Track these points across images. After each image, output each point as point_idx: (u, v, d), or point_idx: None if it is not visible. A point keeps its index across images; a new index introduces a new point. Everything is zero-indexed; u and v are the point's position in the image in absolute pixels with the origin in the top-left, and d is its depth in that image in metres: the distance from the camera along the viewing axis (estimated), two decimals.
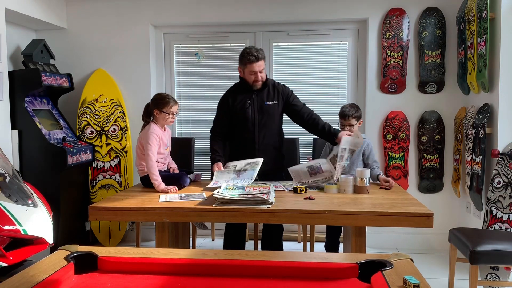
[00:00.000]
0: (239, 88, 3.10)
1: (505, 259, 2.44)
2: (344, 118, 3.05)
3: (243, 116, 3.04)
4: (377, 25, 3.83)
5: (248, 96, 3.04)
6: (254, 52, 2.92)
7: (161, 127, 3.02)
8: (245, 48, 3.01)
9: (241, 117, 3.05)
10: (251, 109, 3.03)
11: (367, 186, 2.71)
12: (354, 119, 3.04)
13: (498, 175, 2.94)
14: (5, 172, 2.78)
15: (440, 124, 3.80)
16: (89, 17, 4.11)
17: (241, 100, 3.05)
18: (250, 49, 2.96)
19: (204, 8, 3.97)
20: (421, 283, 1.31)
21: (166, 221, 2.42)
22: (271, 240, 3.17)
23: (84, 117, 4.00)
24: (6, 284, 1.33)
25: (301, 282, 1.49)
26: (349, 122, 3.03)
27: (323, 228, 4.08)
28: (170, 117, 2.98)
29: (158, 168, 2.94)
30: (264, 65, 3.00)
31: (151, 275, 1.53)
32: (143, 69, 4.09)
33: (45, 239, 2.71)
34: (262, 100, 3.04)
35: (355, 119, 3.04)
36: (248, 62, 2.94)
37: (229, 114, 3.09)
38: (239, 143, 3.13)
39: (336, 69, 4.06)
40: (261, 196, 2.36)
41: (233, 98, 3.08)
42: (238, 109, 3.05)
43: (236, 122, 3.09)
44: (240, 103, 3.05)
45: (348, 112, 3.03)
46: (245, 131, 3.05)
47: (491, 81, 3.14)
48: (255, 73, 2.95)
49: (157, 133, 2.93)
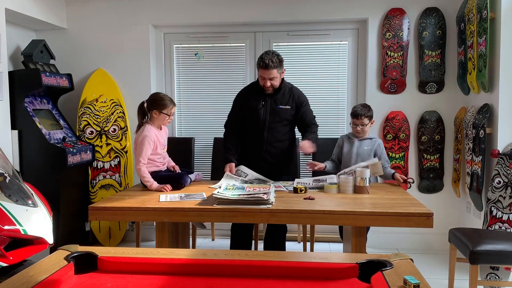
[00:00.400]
0: (256, 87, 3.12)
1: (505, 259, 2.44)
2: (356, 117, 3.05)
3: (255, 116, 3.07)
4: (377, 25, 3.83)
5: (262, 97, 3.07)
6: (266, 60, 2.90)
7: (157, 127, 3.00)
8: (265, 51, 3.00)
9: (253, 117, 3.08)
10: (263, 110, 3.06)
11: (367, 186, 2.71)
12: (367, 118, 3.05)
13: (498, 175, 2.94)
14: (5, 172, 2.78)
15: (440, 124, 3.80)
16: (89, 17, 4.11)
17: (255, 100, 3.08)
18: (266, 54, 2.94)
19: (204, 8, 3.97)
20: (421, 283, 1.31)
21: (166, 221, 2.42)
22: (274, 241, 3.17)
23: (84, 117, 4.00)
24: (6, 284, 1.33)
25: (301, 282, 1.49)
26: (362, 121, 3.04)
27: (323, 228, 4.09)
28: (169, 118, 2.98)
29: (158, 169, 2.94)
30: (278, 74, 2.96)
31: (151, 275, 1.53)
32: (143, 69, 4.09)
33: (45, 239, 2.71)
34: (275, 103, 3.06)
35: (368, 118, 3.05)
36: (259, 66, 2.97)
37: (243, 110, 3.13)
38: (248, 142, 3.17)
39: (336, 69, 4.06)
40: (261, 196, 2.36)
41: (249, 96, 3.11)
42: (251, 108, 3.08)
43: (248, 120, 3.12)
44: (254, 102, 3.08)
45: (360, 112, 3.03)
46: (255, 131, 3.09)
47: (491, 81, 3.14)
48: (264, 79, 2.96)
49: (151, 137, 2.90)
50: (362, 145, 3.10)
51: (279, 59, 2.95)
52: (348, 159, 3.10)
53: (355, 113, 3.06)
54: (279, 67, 2.94)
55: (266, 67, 2.90)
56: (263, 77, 2.96)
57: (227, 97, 4.16)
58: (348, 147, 3.13)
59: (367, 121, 3.06)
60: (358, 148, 3.09)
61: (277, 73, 2.95)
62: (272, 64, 2.89)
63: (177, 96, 4.24)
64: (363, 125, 3.05)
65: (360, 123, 3.04)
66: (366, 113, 3.04)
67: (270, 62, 2.89)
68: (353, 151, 3.09)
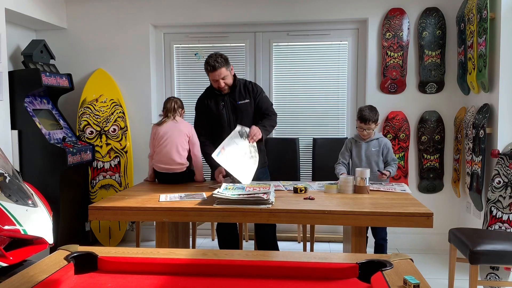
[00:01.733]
0: (211, 91, 3.18)
1: (505, 259, 2.44)
2: (364, 122, 3.02)
3: (219, 117, 3.12)
4: (377, 25, 3.83)
5: (220, 98, 3.13)
6: (212, 62, 2.97)
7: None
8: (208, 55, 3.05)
9: (217, 118, 3.13)
10: (225, 110, 3.11)
11: (367, 186, 2.71)
12: (374, 123, 3.03)
13: (498, 175, 2.94)
14: (5, 172, 2.78)
15: (440, 124, 3.80)
16: (89, 17, 4.11)
17: (215, 102, 3.14)
18: (210, 58, 3.01)
19: (204, 8, 3.97)
20: (421, 283, 1.31)
21: (166, 221, 2.42)
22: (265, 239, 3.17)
23: (84, 117, 4.00)
24: (6, 284, 1.33)
25: (301, 282, 1.49)
26: (369, 126, 3.02)
27: (323, 228, 4.09)
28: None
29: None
30: (228, 71, 3.02)
31: (151, 275, 1.53)
32: (143, 69, 4.09)
33: (45, 239, 2.71)
34: (234, 100, 3.11)
35: (375, 123, 3.04)
36: (206, 71, 3.04)
37: (207, 115, 3.17)
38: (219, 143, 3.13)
39: (336, 69, 4.06)
40: (261, 196, 2.36)
41: (208, 100, 3.17)
42: (213, 110, 3.13)
43: (213, 123, 3.17)
44: (214, 105, 3.13)
45: (368, 117, 3.00)
46: (223, 132, 3.09)
47: (491, 81, 3.14)
48: (216, 81, 3.02)
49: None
50: (369, 147, 3.08)
51: (224, 58, 3.03)
52: (358, 162, 3.08)
53: (363, 117, 3.01)
54: (226, 65, 3.01)
55: (214, 68, 2.97)
56: (215, 79, 3.02)
57: None
58: (356, 150, 3.11)
59: (373, 126, 3.04)
60: (366, 150, 3.08)
61: (226, 71, 3.02)
62: (218, 64, 2.97)
63: (176, 96, 4.22)
64: (369, 129, 3.03)
65: (367, 127, 3.02)
66: (373, 118, 3.01)
67: (216, 63, 2.97)
68: (362, 153, 3.08)
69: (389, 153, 3.10)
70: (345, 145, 3.20)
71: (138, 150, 4.08)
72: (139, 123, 4.11)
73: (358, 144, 3.11)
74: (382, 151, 3.09)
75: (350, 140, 3.19)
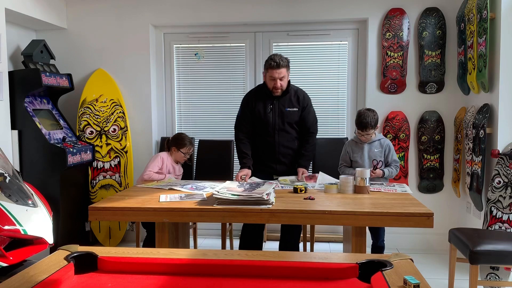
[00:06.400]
0: (262, 91, 3.19)
1: (505, 259, 2.44)
2: (361, 130, 2.97)
3: (265, 120, 3.14)
4: (377, 25, 3.83)
5: (269, 101, 3.14)
6: (277, 59, 3.02)
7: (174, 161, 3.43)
8: (271, 54, 3.12)
9: (262, 121, 3.15)
10: (272, 114, 3.13)
11: (367, 186, 2.71)
12: (372, 129, 2.98)
13: (498, 175, 2.94)
14: (5, 172, 2.78)
15: (440, 124, 3.80)
16: (89, 17, 4.11)
17: (263, 103, 3.15)
18: (275, 55, 3.06)
19: (204, 8, 3.97)
20: (421, 283, 1.31)
21: (166, 221, 2.42)
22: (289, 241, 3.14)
23: (84, 117, 4.00)
24: (6, 284, 1.33)
25: (301, 282, 1.49)
26: (367, 132, 2.97)
27: (323, 228, 4.09)
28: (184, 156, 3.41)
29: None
30: (287, 73, 3.06)
31: (151, 275, 1.53)
32: (143, 69, 4.09)
33: (45, 239, 2.71)
34: (283, 106, 3.14)
35: (373, 129, 2.98)
36: (270, 67, 3.03)
37: (252, 114, 3.18)
38: (260, 145, 3.22)
39: (336, 69, 4.06)
40: (261, 196, 2.36)
41: (256, 100, 3.18)
42: (260, 112, 3.15)
43: (257, 124, 3.18)
44: (262, 106, 3.15)
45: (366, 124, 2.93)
46: (266, 135, 3.15)
47: (491, 81, 3.14)
48: (275, 79, 3.03)
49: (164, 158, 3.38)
50: (372, 148, 3.06)
51: (287, 60, 3.08)
52: (362, 163, 3.04)
53: (361, 125, 2.95)
54: (287, 66, 3.06)
55: (278, 66, 2.99)
56: (274, 77, 3.03)
57: (227, 97, 4.17)
58: (358, 152, 3.07)
59: (373, 131, 3.00)
60: (369, 151, 3.06)
61: (286, 72, 3.06)
62: (282, 63, 3.01)
63: (177, 96, 4.24)
64: (368, 134, 3.00)
65: (365, 133, 2.99)
66: (372, 124, 2.94)
67: (281, 61, 3.01)
68: (365, 155, 3.05)
69: (390, 154, 3.08)
70: (344, 149, 3.16)
71: (138, 150, 4.08)
72: (139, 123, 4.11)
73: (360, 146, 3.09)
74: (384, 152, 3.08)
75: (349, 143, 3.15)
